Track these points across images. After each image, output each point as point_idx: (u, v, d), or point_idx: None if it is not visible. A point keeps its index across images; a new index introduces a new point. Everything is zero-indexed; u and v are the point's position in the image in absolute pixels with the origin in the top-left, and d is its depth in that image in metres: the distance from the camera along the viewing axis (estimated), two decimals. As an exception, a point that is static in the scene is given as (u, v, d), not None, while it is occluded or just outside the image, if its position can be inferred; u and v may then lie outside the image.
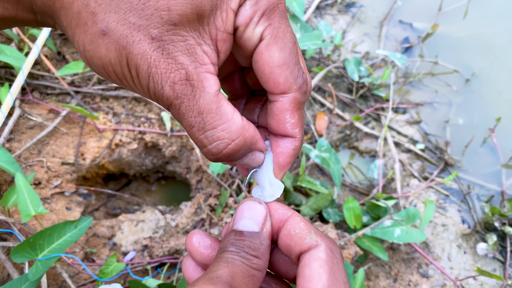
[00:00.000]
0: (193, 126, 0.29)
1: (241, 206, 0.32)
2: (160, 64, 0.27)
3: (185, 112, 0.29)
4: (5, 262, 0.80)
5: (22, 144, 1.01)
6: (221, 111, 0.29)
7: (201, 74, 0.28)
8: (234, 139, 0.30)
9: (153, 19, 0.26)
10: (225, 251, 0.29)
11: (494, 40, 1.52)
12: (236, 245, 0.29)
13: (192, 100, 0.28)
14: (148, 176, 1.25)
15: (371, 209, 1.03)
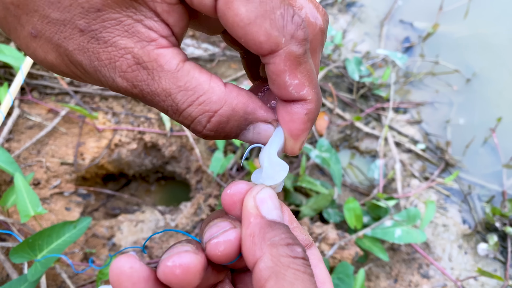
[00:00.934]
0: (167, 110, 0.25)
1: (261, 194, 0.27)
2: (100, 56, 0.24)
3: (152, 99, 0.24)
4: (4, 263, 0.80)
5: (21, 144, 1.01)
6: (192, 84, 0.24)
7: (152, 53, 0.24)
8: (216, 109, 0.24)
9: (73, 11, 0.23)
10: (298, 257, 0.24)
11: (495, 39, 1.52)
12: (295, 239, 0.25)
13: (153, 84, 0.24)
14: (147, 176, 1.25)
15: (371, 209, 1.03)
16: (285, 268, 0.23)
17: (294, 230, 0.29)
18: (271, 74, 0.25)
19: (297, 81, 0.25)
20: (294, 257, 0.23)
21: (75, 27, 0.23)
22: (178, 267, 0.23)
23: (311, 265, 0.25)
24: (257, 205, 0.26)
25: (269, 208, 0.26)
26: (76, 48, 0.24)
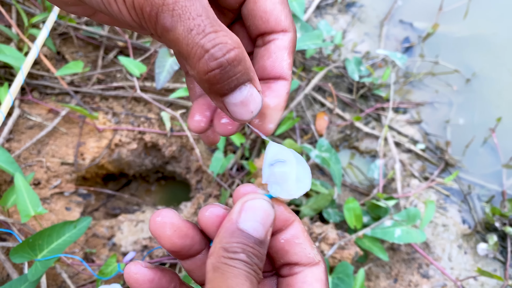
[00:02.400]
0: (192, 29, 0.25)
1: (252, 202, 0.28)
2: None
3: (181, 13, 0.24)
4: (5, 263, 0.80)
5: (21, 144, 1.01)
6: (218, 20, 0.26)
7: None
8: (236, 46, 0.26)
9: None
10: (238, 259, 0.26)
11: (495, 40, 1.52)
12: (248, 254, 0.27)
13: (189, 0, 0.25)
14: (147, 176, 1.25)
15: (371, 209, 1.03)
16: (222, 264, 0.26)
17: (296, 246, 0.29)
18: (274, 48, 0.31)
19: (290, 60, 0.31)
20: (234, 258, 0.26)
21: None
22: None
23: (306, 283, 0.28)
24: (241, 211, 0.28)
25: (247, 218, 0.27)
26: None
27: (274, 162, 0.30)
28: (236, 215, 0.27)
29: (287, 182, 0.30)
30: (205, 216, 0.29)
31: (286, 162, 0.30)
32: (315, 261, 0.29)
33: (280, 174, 0.30)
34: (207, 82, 0.26)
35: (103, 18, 0.31)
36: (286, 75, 0.31)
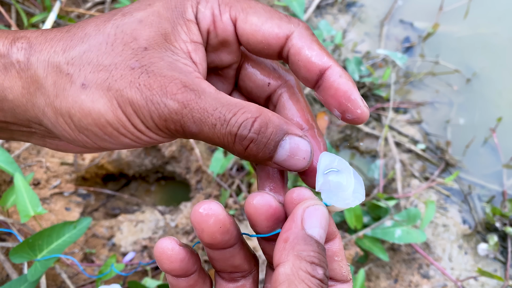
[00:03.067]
0: (215, 124, 0.27)
1: (314, 208, 0.28)
2: (152, 85, 0.26)
3: (201, 116, 0.27)
4: (4, 263, 0.80)
5: (21, 144, 1.01)
6: (233, 102, 0.28)
7: (194, 79, 0.28)
8: (257, 116, 0.27)
9: (125, 53, 0.27)
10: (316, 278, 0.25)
11: (495, 39, 1.52)
12: (324, 267, 0.26)
13: (200, 102, 0.27)
14: (147, 177, 1.25)
15: (371, 209, 1.03)
16: (299, 281, 0.25)
17: (334, 262, 0.29)
18: (293, 57, 0.29)
19: (315, 52, 0.29)
20: (312, 275, 0.25)
21: (126, 66, 0.27)
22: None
23: None
24: (304, 217, 0.27)
25: (313, 225, 0.27)
26: (127, 86, 0.26)
27: (327, 171, 0.30)
28: (300, 220, 0.27)
29: (343, 191, 0.30)
30: (255, 205, 0.28)
31: (341, 172, 0.30)
32: (347, 279, 0.30)
33: (335, 183, 0.30)
34: (250, 157, 0.28)
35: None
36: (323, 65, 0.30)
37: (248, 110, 0.27)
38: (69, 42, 0.27)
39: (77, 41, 0.27)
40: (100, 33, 0.27)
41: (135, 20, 0.28)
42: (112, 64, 0.27)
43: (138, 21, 0.28)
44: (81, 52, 0.27)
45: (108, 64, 0.27)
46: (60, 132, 0.28)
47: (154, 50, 0.27)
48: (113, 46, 0.27)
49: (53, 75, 0.27)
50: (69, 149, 0.33)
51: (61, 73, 0.27)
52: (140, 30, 0.27)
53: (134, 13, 0.28)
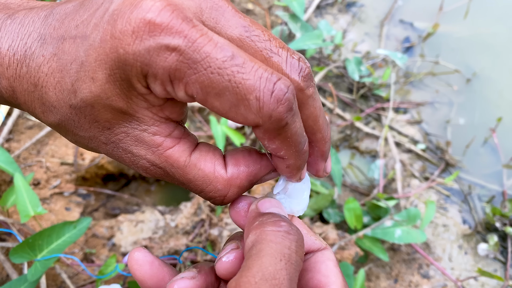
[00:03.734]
0: (191, 189, 0.29)
1: (266, 200, 0.31)
2: (125, 160, 0.29)
3: (173, 183, 0.29)
4: (4, 263, 0.80)
5: (21, 144, 1.01)
6: (199, 176, 0.28)
7: (161, 156, 0.28)
8: (224, 195, 0.29)
9: (93, 130, 0.28)
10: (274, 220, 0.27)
11: (495, 40, 1.52)
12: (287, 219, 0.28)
13: (169, 177, 0.29)
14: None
15: (371, 209, 1.02)
16: (262, 239, 0.25)
17: (304, 236, 0.31)
18: (256, 134, 0.28)
19: (275, 146, 0.26)
20: (275, 230, 0.26)
21: (99, 141, 0.28)
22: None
23: (318, 262, 0.29)
24: (258, 206, 0.30)
25: (267, 206, 0.29)
26: (106, 153, 0.29)
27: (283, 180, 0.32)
28: (255, 209, 0.30)
29: (297, 198, 0.32)
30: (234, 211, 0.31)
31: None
32: (322, 246, 0.31)
33: (292, 190, 0.32)
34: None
35: None
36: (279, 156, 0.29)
37: (215, 189, 0.29)
38: (42, 106, 0.28)
39: (49, 109, 0.28)
40: (63, 109, 0.27)
41: (87, 105, 0.26)
42: (86, 137, 0.28)
43: (91, 107, 0.26)
44: (56, 122, 0.28)
45: (84, 136, 0.28)
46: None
47: (118, 127, 0.27)
48: (79, 123, 0.27)
49: (54, 126, 0.30)
50: None
51: (56, 128, 0.29)
52: (96, 114, 0.26)
53: (82, 96, 0.26)
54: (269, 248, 0.24)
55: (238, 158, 0.29)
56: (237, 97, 0.23)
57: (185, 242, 0.97)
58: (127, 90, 0.25)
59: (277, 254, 0.24)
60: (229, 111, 0.24)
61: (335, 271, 0.29)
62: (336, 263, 0.30)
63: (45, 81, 0.26)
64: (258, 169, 0.30)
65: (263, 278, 0.23)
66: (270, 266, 0.23)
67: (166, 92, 0.25)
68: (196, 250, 0.96)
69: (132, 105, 0.26)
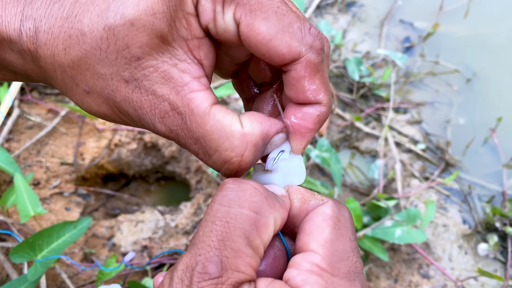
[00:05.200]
0: (198, 153, 0.27)
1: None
2: (143, 104, 0.27)
3: (185, 142, 0.27)
4: (4, 263, 0.80)
5: (21, 144, 1.01)
6: (217, 129, 0.26)
7: (185, 98, 0.26)
8: (242, 154, 0.27)
9: (118, 63, 0.26)
10: None
11: (496, 40, 1.51)
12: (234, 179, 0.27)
13: (185, 128, 0.27)
14: (147, 177, 1.25)
15: (371, 209, 1.02)
16: (210, 204, 0.25)
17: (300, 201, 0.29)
18: (291, 80, 0.28)
19: (315, 86, 0.28)
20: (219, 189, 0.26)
21: (120, 78, 0.26)
22: None
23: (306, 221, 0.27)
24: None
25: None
26: (122, 100, 0.27)
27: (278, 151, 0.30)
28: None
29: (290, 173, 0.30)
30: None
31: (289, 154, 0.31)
32: (318, 203, 0.28)
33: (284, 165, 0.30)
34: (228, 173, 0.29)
35: None
36: (314, 101, 0.28)
37: (232, 147, 0.27)
38: (68, 39, 0.27)
39: (75, 40, 0.27)
40: (94, 34, 0.26)
41: (126, 22, 0.25)
42: (107, 74, 0.26)
43: (130, 24, 0.25)
44: (79, 56, 0.27)
45: (104, 73, 0.26)
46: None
47: (148, 58, 0.26)
48: (106, 53, 0.26)
49: (60, 73, 0.28)
50: None
51: (65, 73, 0.27)
52: (132, 36, 0.25)
53: (125, 11, 0.25)
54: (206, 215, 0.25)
55: (251, 116, 0.29)
56: (283, 24, 0.25)
57: (185, 242, 0.97)
58: (174, 9, 0.25)
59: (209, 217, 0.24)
60: (275, 37, 0.25)
61: (321, 226, 0.26)
62: (327, 216, 0.26)
63: (81, 9, 0.26)
64: (269, 126, 0.28)
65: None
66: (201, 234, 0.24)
67: (213, 13, 0.25)
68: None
69: (172, 31, 0.25)
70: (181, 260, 0.23)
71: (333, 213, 0.27)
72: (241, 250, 0.23)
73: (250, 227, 0.23)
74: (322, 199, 0.28)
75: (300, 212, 0.28)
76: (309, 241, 0.25)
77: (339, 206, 0.28)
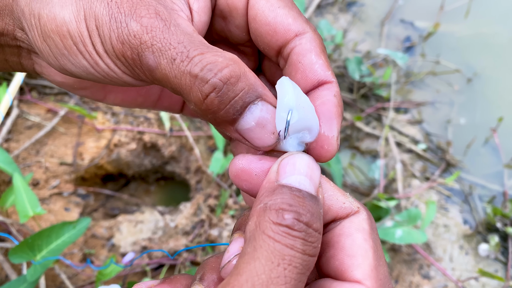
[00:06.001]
0: (175, 59, 0.22)
1: (293, 159, 0.23)
2: (122, 3, 0.23)
3: (161, 47, 0.23)
4: (3, 263, 0.80)
5: (20, 144, 1.01)
6: (206, 42, 0.24)
7: (173, 14, 0.24)
8: (229, 64, 0.22)
9: None
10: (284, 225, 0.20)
11: (496, 39, 1.51)
12: (298, 212, 0.20)
13: (166, 32, 0.23)
14: (147, 177, 1.25)
15: (372, 209, 1.02)
16: (260, 233, 0.20)
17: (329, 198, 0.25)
18: (296, 56, 0.26)
19: (322, 60, 0.26)
20: (276, 223, 0.20)
21: None
22: None
23: (343, 235, 0.23)
24: (278, 169, 0.23)
25: (288, 173, 0.23)
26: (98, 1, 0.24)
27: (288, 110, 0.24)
28: (274, 174, 0.23)
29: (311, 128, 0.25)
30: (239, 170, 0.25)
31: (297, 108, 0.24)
32: (353, 210, 0.24)
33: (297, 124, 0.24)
34: (208, 111, 0.23)
35: (115, 98, 0.31)
36: (324, 78, 0.26)
37: (221, 55, 0.23)
38: None
39: None
40: None
41: None
42: None
43: None
44: None
45: None
46: (32, 38, 0.26)
47: None
48: None
49: None
50: (49, 73, 0.29)
51: None
52: None
53: None
54: (265, 249, 0.19)
55: None
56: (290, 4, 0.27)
57: (184, 242, 0.96)
58: None
59: (275, 256, 0.19)
60: (284, 7, 0.26)
61: (364, 248, 0.23)
62: (367, 234, 0.23)
63: None
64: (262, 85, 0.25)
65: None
66: (263, 273, 0.19)
67: None
68: (196, 250, 0.95)
69: None
70: None
71: (370, 229, 0.24)
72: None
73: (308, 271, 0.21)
74: (358, 206, 0.25)
75: (328, 211, 0.24)
76: (352, 266, 0.22)
77: (370, 216, 0.25)
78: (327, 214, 0.24)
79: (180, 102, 0.34)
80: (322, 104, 0.25)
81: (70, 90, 0.30)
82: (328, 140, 0.25)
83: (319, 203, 0.22)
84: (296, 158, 0.23)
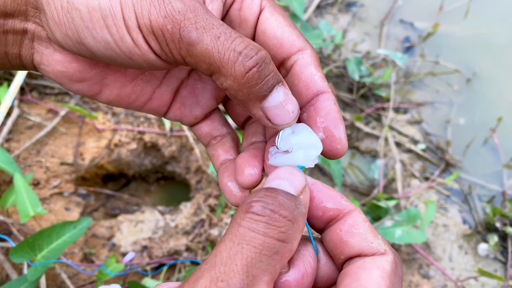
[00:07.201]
0: (219, 36, 0.25)
1: (277, 170, 0.26)
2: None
3: (205, 24, 0.25)
4: (4, 263, 0.80)
5: (20, 144, 1.01)
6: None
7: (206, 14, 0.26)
8: (262, 48, 0.26)
9: None
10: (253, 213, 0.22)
11: (496, 39, 1.51)
12: (263, 200, 0.23)
13: (208, 14, 0.26)
14: (147, 177, 1.25)
15: (371, 209, 1.02)
16: (231, 222, 0.23)
17: (355, 235, 0.26)
18: (300, 67, 0.30)
19: (320, 73, 0.30)
20: (244, 211, 0.22)
21: None
22: None
23: (362, 268, 0.25)
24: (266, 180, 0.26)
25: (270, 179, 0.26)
26: None
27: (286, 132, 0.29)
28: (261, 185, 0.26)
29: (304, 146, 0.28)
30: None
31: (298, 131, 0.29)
32: (380, 251, 0.26)
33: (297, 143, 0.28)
34: (246, 85, 0.26)
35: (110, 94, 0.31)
36: (322, 88, 0.30)
37: (255, 43, 0.26)
38: None
39: None
40: None
41: None
42: None
43: None
44: None
45: None
46: (51, 12, 0.26)
47: None
48: None
49: None
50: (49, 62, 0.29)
51: None
52: None
53: None
54: (230, 232, 0.22)
55: None
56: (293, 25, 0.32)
57: (185, 242, 0.96)
58: None
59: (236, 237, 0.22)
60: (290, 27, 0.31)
61: (378, 284, 0.24)
62: (386, 273, 0.24)
63: None
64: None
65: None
66: (224, 251, 0.21)
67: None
68: (196, 250, 0.95)
69: None
70: (198, 282, 0.21)
71: (391, 272, 0.25)
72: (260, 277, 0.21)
73: (276, 255, 0.22)
74: (385, 249, 0.26)
75: (355, 246, 0.26)
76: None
77: (397, 262, 0.26)
78: (351, 249, 0.26)
79: (167, 104, 0.34)
80: (327, 114, 0.30)
81: (66, 84, 0.30)
82: (340, 141, 0.30)
83: (296, 200, 0.24)
84: (281, 168, 0.27)
